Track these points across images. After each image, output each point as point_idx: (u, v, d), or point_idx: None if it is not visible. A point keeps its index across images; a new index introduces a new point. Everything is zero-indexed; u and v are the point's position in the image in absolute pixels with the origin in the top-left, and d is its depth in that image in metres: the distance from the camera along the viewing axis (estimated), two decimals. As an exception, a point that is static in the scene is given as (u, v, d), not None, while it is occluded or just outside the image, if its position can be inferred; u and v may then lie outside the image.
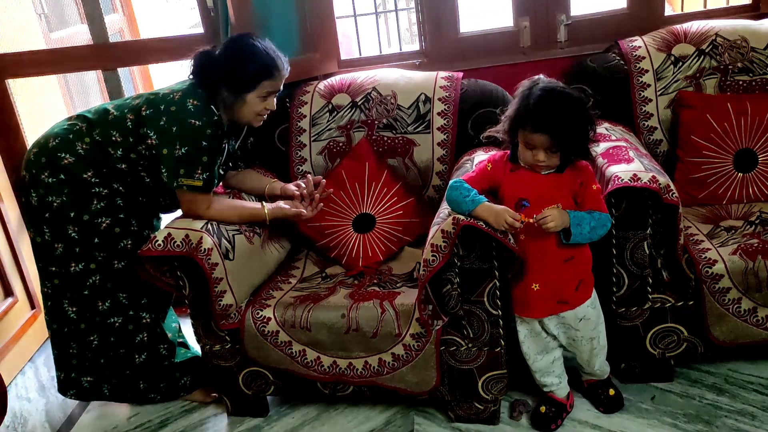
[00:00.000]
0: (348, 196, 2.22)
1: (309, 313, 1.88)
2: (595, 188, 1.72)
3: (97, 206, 1.93)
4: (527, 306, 1.80)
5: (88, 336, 2.04)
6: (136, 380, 2.11)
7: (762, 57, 2.21)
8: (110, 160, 1.93)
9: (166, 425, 2.14)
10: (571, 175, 1.72)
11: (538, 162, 1.68)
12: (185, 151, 1.85)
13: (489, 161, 1.81)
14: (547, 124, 1.63)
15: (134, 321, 2.04)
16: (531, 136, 1.66)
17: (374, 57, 2.80)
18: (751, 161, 2.12)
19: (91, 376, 2.11)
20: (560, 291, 1.76)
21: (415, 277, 2.01)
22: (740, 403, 1.88)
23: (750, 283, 1.80)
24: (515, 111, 1.71)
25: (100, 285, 1.98)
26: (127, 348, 2.05)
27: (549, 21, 2.49)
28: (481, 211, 1.66)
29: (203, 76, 1.92)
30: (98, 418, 2.23)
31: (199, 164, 1.87)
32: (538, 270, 1.75)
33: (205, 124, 1.85)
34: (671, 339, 1.91)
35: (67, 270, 1.96)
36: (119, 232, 1.97)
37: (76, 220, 1.92)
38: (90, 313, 2.00)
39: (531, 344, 1.86)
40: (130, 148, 1.92)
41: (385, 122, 2.31)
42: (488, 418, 1.93)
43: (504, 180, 1.76)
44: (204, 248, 1.82)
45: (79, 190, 1.92)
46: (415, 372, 1.86)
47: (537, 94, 1.65)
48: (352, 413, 2.07)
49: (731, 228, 1.98)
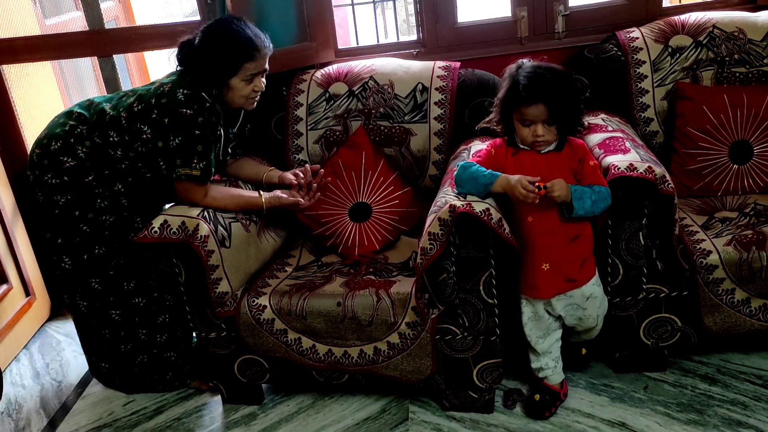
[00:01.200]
0: (344, 185, 2.22)
1: (305, 301, 1.88)
2: (592, 164, 1.76)
3: (101, 204, 1.96)
4: (536, 287, 1.81)
5: (101, 330, 2.08)
6: (145, 372, 2.14)
7: (759, 49, 2.21)
8: (111, 161, 1.94)
9: (162, 412, 2.14)
10: (569, 153, 1.77)
11: (537, 137, 1.71)
12: (179, 141, 1.85)
13: (491, 147, 1.83)
14: (541, 93, 1.67)
15: (158, 302, 2.07)
16: (527, 110, 1.69)
17: (371, 46, 2.78)
18: (747, 153, 2.13)
19: (106, 362, 2.16)
20: (568, 269, 1.79)
21: (411, 266, 2.01)
22: (732, 393, 1.89)
23: (744, 274, 1.81)
24: (506, 92, 1.75)
25: (125, 265, 2.01)
26: (149, 329, 2.08)
27: (547, 11, 2.49)
28: (500, 183, 1.70)
29: (188, 65, 1.91)
30: (93, 405, 2.23)
31: (195, 153, 1.86)
32: (546, 250, 1.77)
33: (196, 112, 1.83)
34: (665, 329, 1.93)
35: (91, 254, 1.98)
36: (124, 228, 2.00)
37: (82, 218, 1.95)
38: (114, 294, 2.03)
39: (533, 326, 1.88)
40: (128, 147, 1.92)
41: (382, 111, 2.31)
42: (483, 406, 1.94)
43: (507, 164, 1.78)
44: (200, 235, 1.82)
45: (82, 191, 1.94)
46: (411, 360, 1.87)
47: (525, 72, 1.71)
48: (347, 401, 2.08)
49: (726, 219, 1.99)
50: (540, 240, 1.77)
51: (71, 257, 2.00)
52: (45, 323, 2.82)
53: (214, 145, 1.93)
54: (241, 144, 2.22)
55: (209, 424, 2.07)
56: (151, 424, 2.09)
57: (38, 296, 2.78)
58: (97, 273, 2.00)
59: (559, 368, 1.93)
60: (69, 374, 2.45)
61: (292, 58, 2.45)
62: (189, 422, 2.08)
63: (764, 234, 1.85)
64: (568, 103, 1.71)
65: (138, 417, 2.14)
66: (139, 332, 2.08)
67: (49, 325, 2.80)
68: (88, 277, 2.01)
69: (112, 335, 2.08)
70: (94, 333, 2.11)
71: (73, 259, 2.00)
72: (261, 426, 2.03)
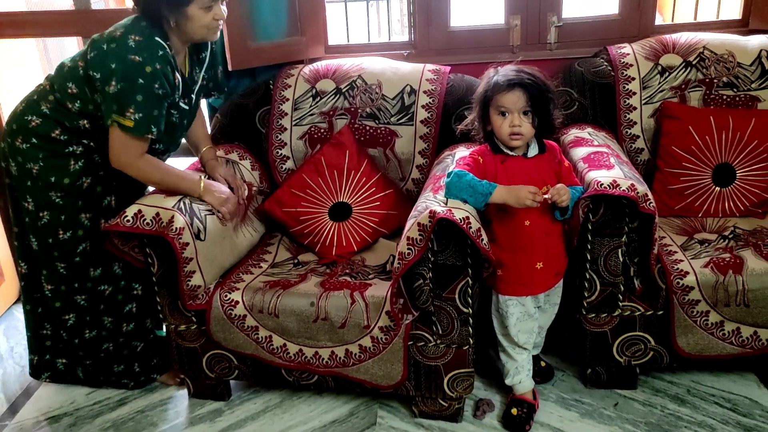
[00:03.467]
0: (326, 183, 2.19)
1: (278, 299, 1.85)
2: (567, 165, 1.83)
3: (76, 167, 1.88)
4: (531, 285, 1.83)
5: (64, 314, 2.00)
6: (111, 362, 2.08)
7: (747, 73, 2.22)
8: (71, 116, 1.85)
9: (125, 403, 2.10)
10: (549, 155, 1.81)
11: (514, 128, 1.72)
12: (120, 87, 1.74)
13: (477, 154, 1.81)
14: (519, 79, 1.70)
15: (125, 291, 2.01)
16: (503, 97, 1.72)
17: (362, 45, 2.76)
18: (729, 176, 2.14)
19: (65, 358, 2.09)
20: (557, 264, 1.85)
21: (388, 270, 1.99)
22: (701, 415, 1.89)
23: (719, 297, 1.81)
24: (483, 89, 1.77)
25: (92, 252, 1.94)
26: (115, 317, 2.02)
27: (540, 21, 2.48)
28: (499, 194, 1.69)
29: (143, 5, 1.80)
30: (56, 393, 2.18)
31: (132, 102, 1.74)
32: (542, 250, 1.80)
33: (146, 60, 1.74)
34: (638, 347, 1.92)
35: (56, 239, 1.91)
36: (101, 191, 1.92)
37: (57, 185, 1.87)
38: (79, 281, 1.96)
39: (522, 327, 1.87)
40: (86, 100, 1.83)
41: (369, 111, 2.28)
42: (451, 415, 1.92)
43: (498, 173, 1.77)
44: (175, 227, 1.78)
45: (53, 153, 1.87)
46: (382, 365, 1.84)
47: (503, 70, 1.76)
48: (315, 402, 2.06)
49: (705, 241, 1.99)
50: (537, 241, 1.78)
51: (38, 238, 1.93)
52: (12, 305, 2.76)
53: (160, 101, 1.80)
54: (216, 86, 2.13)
55: (173, 418, 2.03)
56: (114, 416, 2.05)
57: (6, 278, 2.72)
58: (64, 257, 1.94)
59: (531, 373, 1.94)
60: (33, 359, 2.39)
61: (280, 52, 2.42)
62: (153, 415, 2.05)
63: (742, 258, 1.85)
64: (545, 94, 1.73)
65: (100, 407, 2.10)
66: (104, 320, 2.02)
67: (16, 308, 2.74)
68: (54, 261, 1.94)
69: (77, 321, 2.01)
70: (52, 321, 2.04)
71: (40, 240, 1.93)
72: (226, 423, 2.00)
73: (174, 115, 1.89)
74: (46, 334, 2.07)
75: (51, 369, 2.12)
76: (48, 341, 2.08)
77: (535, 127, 1.74)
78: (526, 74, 1.72)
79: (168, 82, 1.79)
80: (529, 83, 1.70)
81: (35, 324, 2.08)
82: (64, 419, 2.06)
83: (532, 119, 1.73)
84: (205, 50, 1.99)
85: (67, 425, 2.03)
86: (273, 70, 2.43)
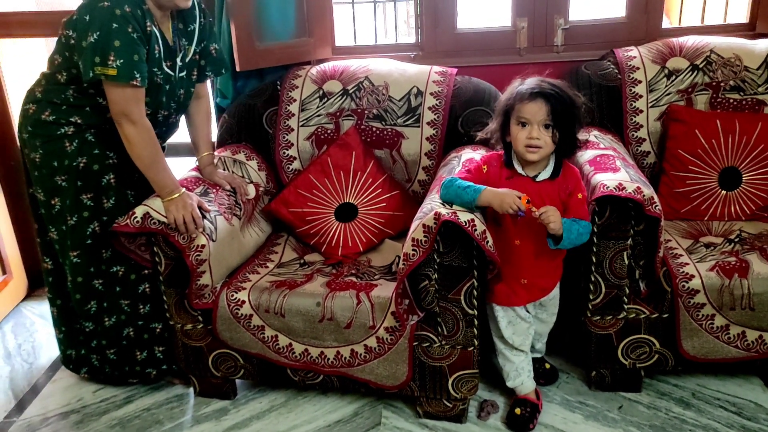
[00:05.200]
0: (332, 184, 2.20)
1: (284, 299, 1.86)
2: (580, 197, 1.74)
3: (72, 147, 1.88)
4: (513, 296, 1.84)
5: (86, 304, 2.01)
6: (134, 348, 2.07)
7: (754, 77, 2.22)
8: (60, 89, 1.86)
9: (132, 401, 2.12)
10: (561, 183, 1.74)
11: (531, 140, 1.67)
12: (97, 36, 1.69)
13: (484, 163, 1.79)
14: (543, 91, 1.65)
15: (136, 270, 2.00)
16: (526, 106, 1.67)
17: (369, 46, 2.77)
18: (736, 180, 2.13)
19: (95, 353, 2.10)
20: (544, 282, 1.86)
21: (394, 271, 2.00)
22: (705, 419, 1.89)
23: (725, 300, 1.81)
24: (506, 99, 1.74)
25: (101, 233, 1.94)
26: (132, 299, 2.02)
27: (547, 24, 2.48)
28: (485, 197, 1.67)
29: None
30: (63, 390, 2.20)
31: (112, 49, 1.69)
32: (527, 269, 1.81)
33: (113, 4, 1.70)
34: (643, 350, 1.92)
35: (67, 225, 1.93)
36: (98, 169, 1.90)
37: (60, 169, 1.88)
38: (95, 265, 1.96)
39: (514, 330, 1.89)
40: (70, 65, 1.82)
41: (375, 113, 2.29)
42: (456, 416, 1.93)
43: (500, 187, 1.72)
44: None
45: (48, 138, 1.88)
46: (387, 365, 1.85)
47: (529, 80, 1.71)
48: (320, 402, 2.06)
49: (711, 244, 1.99)
50: (525, 261, 1.79)
51: (56, 227, 1.94)
52: (20, 303, 2.78)
53: (138, 46, 1.74)
54: (213, 65, 2.07)
55: (179, 416, 2.04)
56: (120, 413, 2.07)
57: (15, 275, 2.74)
58: (76, 245, 1.94)
59: (532, 374, 1.95)
60: (41, 356, 2.41)
61: (288, 53, 2.44)
62: (158, 413, 2.06)
63: (747, 262, 1.85)
64: (569, 109, 1.67)
65: (107, 405, 2.11)
66: (121, 303, 2.02)
67: (24, 305, 2.76)
68: (68, 250, 1.95)
69: (98, 308, 2.01)
70: (77, 313, 2.04)
71: (57, 228, 1.94)
72: (232, 422, 2.01)
73: (157, 74, 1.85)
74: (78, 328, 2.08)
75: (88, 364, 2.14)
76: (81, 336, 2.09)
77: (555, 143, 1.69)
78: (552, 86, 1.67)
79: (140, 26, 1.75)
80: (552, 95, 1.65)
81: (67, 318, 2.10)
82: (71, 416, 2.07)
83: (553, 134, 1.67)
84: (193, 23, 1.96)
85: (74, 422, 2.04)
86: (280, 71, 2.44)
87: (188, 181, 2.00)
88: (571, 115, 1.69)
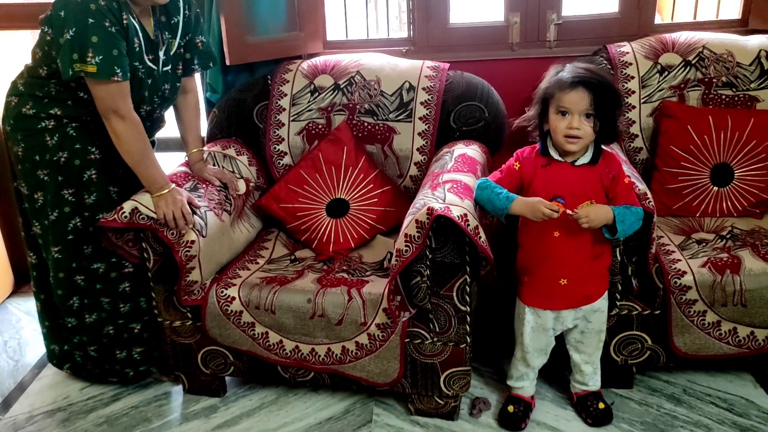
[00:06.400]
0: (323, 179, 2.18)
1: (275, 295, 1.84)
2: (626, 182, 1.68)
3: (53, 142, 1.85)
4: (550, 299, 1.76)
5: (68, 300, 1.98)
6: (114, 346, 2.05)
7: (746, 73, 2.21)
8: (42, 83, 1.83)
9: (119, 399, 2.09)
10: (603, 168, 1.67)
11: (572, 130, 1.61)
12: (73, 32, 1.66)
13: (516, 159, 1.75)
14: (585, 79, 1.59)
15: (117, 268, 1.97)
16: (566, 95, 1.60)
17: (361, 41, 2.75)
18: (727, 176, 2.13)
19: (78, 349, 2.07)
20: (587, 286, 1.75)
21: (385, 267, 1.98)
22: (697, 415, 1.89)
23: (717, 296, 1.81)
24: (545, 85, 1.67)
25: (82, 228, 1.91)
26: (112, 297, 1.99)
27: (540, 19, 2.47)
28: (517, 206, 1.64)
29: None
30: (50, 388, 2.17)
31: (90, 45, 1.65)
32: (568, 266, 1.71)
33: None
34: (635, 346, 1.92)
35: (49, 221, 1.90)
36: (80, 164, 1.87)
37: (42, 162, 1.86)
38: (77, 260, 1.93)
39: (535, 338, 1.82)
40: (50, 61, 1.79)
41: (367, 107, 2.27)
42: (448, 413, 1.92)
43: (536, 176, 1.69)
44: (171, 221, 1.77)
45: (29, 132, 1.85)
46: (378, 362, 1.84)
47: (569, 66, 1.65)
48: (311, 399, 2.05)
49: (702, 241, 1.99)
50: (563, 255, 1.70)
51: (39, 221, 1.92)
52: (6, 299, 2.74)
53: (117, 40, 1.70)
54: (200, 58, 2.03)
55: (167, 414, 2.02)
56: (107, 411, 2.04)
57: (1, 271, 2.71)
58: (58, 240, 1.91)
59: (535, 381, 1.93)
60: (27, 354, 2.38)
61: (278, 47, 2.41)
62: (147, 411, 2.03)
63: (739, 258, 1.85)
64: (611, 98, 1.61)
65: (94, 402, 2.08)
66: (102, 301, 1.99)
67: (10, 302, 2.73)
68: (50, 245, 1.93)
69: (80, 304, 1.99)
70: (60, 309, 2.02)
71: (41, 223, 1.92)
72: (221, 419, 1.99)
73: (138, 69, 1.82)
74: (62, 323, 2.06)
75: (71, 360, 2.12)
76: (64, 331, 2.07)
77: (596, 132, 1.63)
78: (594, 74, 1.61)
79: (117, 19, 1.71)
80: (595, 83, 1.58)
81: (51, 313, 2.07)
82: (58, 414, 2.04)
83: (594, 123, 1.61)
84: (177, 15, 1.92)
85: (61, 420, 2.02)
86: (271, 65, 2.42)
87: (178, 176, 1.98)
88: (614, 103, 1.63)
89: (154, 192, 1.80)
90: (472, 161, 1.95)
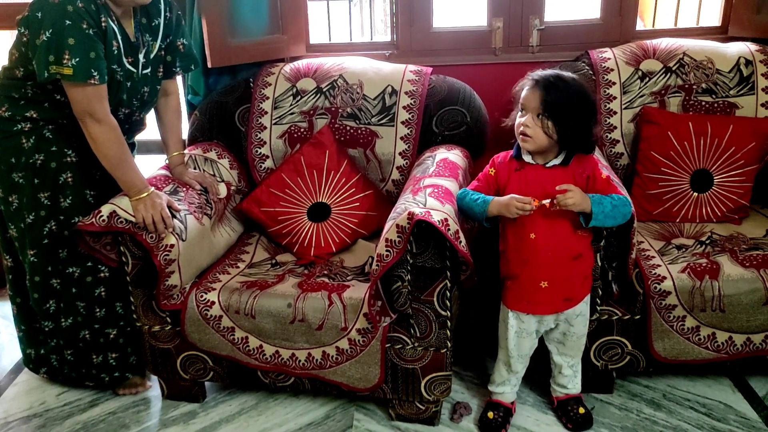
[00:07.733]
0: (305, 183, 2.17)
1: (255, 299, 1.83)
2: (604, 176, 1.68)
3: (29, 144, 1.83)
4: (533, 303, 1.75)
5: (44, 303, 1.95)
6: (90, 351, 2.02)
7: (725, 80, 2.23)
8: (18, 84, 1.81)
9: (97, 405, 2.06)
10: (575, 168, 1.67)
11: (520, 127, 1.64)
12: (50, 34, 1.63)
13: (491, 165, 1.77)
14: (544, 79, 1.62)
15: (92, 273, 1.95)
16: (524, 92, 1.65)
17: (344, 44, 2.75)
18: (707, 182, 2.15)
19: (54, 353, 2.05)
20: (568, 289, 1.75)
21: (367, 272, 1.97)
22: (676, 420, 1.90)
23: (696, 302, 1.82)
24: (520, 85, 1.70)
25: (57, 232, 1.89)
26: (87, 301, 1.96)
27: (522, 24, 2.48)
28: (493, 208, 1.67)
29: None
30: (26, 393, 2.14)
31: (66, 47, 1.63)
32: (547, 267, 1.71)
33: (65, 0, 1.64)
34: (615, 351, 1.93)
35: (25, 224, 1.87)
36: (56, 167, 1.85)
37: (17, 165, 1.83)
38: (52, 264, 1.91)
39: (519, 343, 1.82)
40: (27, 63, 1.76)
41: (350, 111, 2.27)
42: (428, 418, 1.91)
43: (510, 180, 1.71)
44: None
45: (5, 134, 1.83)
46: (359, 367, 1.83)
47: (543, 70, 1.68)
48: (291, 404, 2.03)
49: (682, 246, 2.00)
50: (542, 257, 1.70)
51: (15, 224, 1.90)
52: (-17, 303, 2.70)
53: (94, 42, 1.68)
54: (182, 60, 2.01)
55: (146, 420, 2.00)
56: (84, 417, 2.01)
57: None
58: (33, 243, 1.89)
59: (517, 388, 1.92)
60: (2, 358, 2.35)
61: (261, 50, 2.40)
62: (124, 417, 2.01)
63: (718, 264, 1.86)
64: (564, 102, 1.60)
65: (71, 408, 2.05)
66: (78, 305, 1.96)
67: (-13, 306, 2.69)
68: (26, 248, 1.90)
69: (56, 308, 1.96)
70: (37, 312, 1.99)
71: (17, 226, 1.89)
72: (200, 425, 1.97)
73: (117, 71, 1.80)
74: (38, 327, 2.03)
75: (47, 364, 2.08)
76: (41, 335, 2.04)
77: (550, 136, 1.62)
78: (555, 77, 1.62)
79: (95, 21, 1.69)
80: (550, 84, 1.60)
81: (27, 317, 2.04)
82: (34, 420, 2.01)
83: (546, 125, 1.61)
84: (158, 17, 1.90)
85: (37, 427, 1.98)
86: (253, 68, 2.40)
87: (157, 179, 1.95)
88: (567, 108, 1.61)
89: (133, 196, 1.78)
90: (453, 166, 1.95)
